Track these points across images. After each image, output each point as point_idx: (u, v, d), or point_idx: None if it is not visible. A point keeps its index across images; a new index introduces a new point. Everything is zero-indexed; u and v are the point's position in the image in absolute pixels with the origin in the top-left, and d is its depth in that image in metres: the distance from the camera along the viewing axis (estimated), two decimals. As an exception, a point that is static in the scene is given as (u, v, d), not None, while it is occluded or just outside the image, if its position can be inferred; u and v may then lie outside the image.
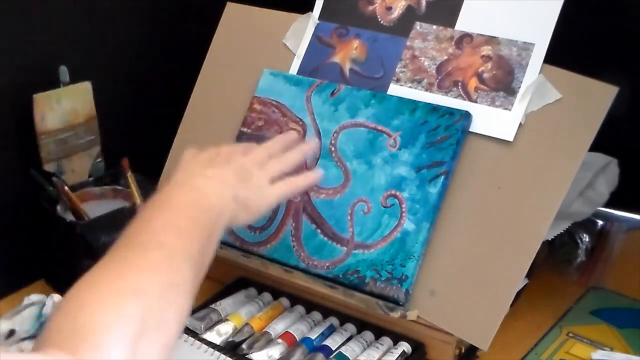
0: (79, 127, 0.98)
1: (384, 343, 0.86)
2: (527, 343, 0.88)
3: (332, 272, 0.86)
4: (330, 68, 0.96)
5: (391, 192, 0.86)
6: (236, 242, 0.92)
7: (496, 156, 0.84)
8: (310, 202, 0.90)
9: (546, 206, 0.80)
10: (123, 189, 1.00)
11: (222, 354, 0.83)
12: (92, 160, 1.01)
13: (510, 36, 0.87)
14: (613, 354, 0.86)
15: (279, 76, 0.97)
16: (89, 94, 0.98)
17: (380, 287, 0.83)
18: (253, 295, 0.94)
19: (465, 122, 0.85)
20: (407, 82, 0.91)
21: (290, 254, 0.89)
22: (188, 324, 0.87)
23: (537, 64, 0.85)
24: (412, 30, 0.93)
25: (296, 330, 0.87)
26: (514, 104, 0.85)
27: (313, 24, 0.99)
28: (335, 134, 0.91)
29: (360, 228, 0.86)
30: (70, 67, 0.96)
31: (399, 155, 0.87)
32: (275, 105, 0.96)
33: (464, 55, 0.89)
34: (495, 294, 0.80)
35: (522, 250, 0.80)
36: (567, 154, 0.81)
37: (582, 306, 0.96)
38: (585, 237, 1.05)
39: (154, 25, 1.10)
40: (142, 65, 1.10)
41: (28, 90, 0.92)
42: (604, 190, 1.01)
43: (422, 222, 0.84)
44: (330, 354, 0.84)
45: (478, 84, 0.87)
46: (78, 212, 0.94)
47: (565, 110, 0.82)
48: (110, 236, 0.92)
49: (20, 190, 0.96)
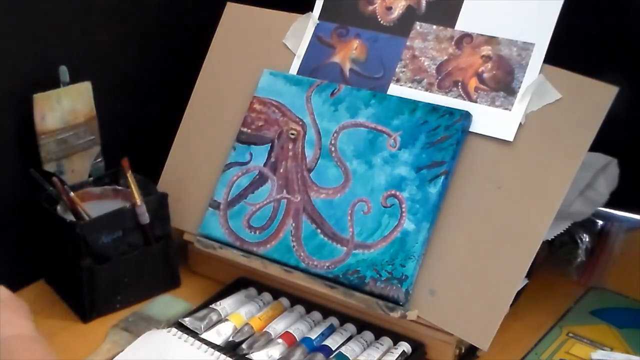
0: (79, 127, 0.98)
1: (384, 343, 0.86)
2: (527, 343, 0.88)
3: (332, 272, 0.86)
4: (330, 68, 0.96)
5: (391, 192, 0.86)
6: (236, 242, 0.92)
7: (496, 156, 0.84)
8: (310, 202, 0.90)
9: (546, 206, 0.80)
10: (123, 189, 1.00)
11: (222, 354, 0.83)
12: (92, 160, 1.01)
13: (510, 36, 0.87)
14: (613, 354, 0.86)
15: (279, 76, 0.97)
16: (89, 94, 0.98)
17: (380, 287, 0.83)
18: (253, 295, 0.94)
19: (465, 122, 0.85)
20: (407, 82, 0.91)
21: (290, 254, 0.89)
22: (188, 324, 0.87)
23: (537, 64, 0.85)
24: (412, 30, 0.93)
25: (296, 330, 0.87)
26: (514, 104, 0.85)
27: (313, 24, 0.99)
28: (335, 134, 0.91)
29: (360, 228, 0.86)
30: (70, 67, 0.96)
31: (399, 155, 0.87)
32: (275, 105, 0.96)
33: (464, 55, 0.89)
34: (495, 294, 0.80)
35: (522, 250, 0.80)
36: (567, 154, 0.81)
37: (582, 306, 0.96)
38: (585, 237, 1.05)
39: (154, 25, 1.10)
40: (142, 65, 1.10)
41: (28, 90, 0.92)
42: (604, 190, 1.01)
43: (422, 222, 0.84)
44: (330, 354, 0.84)
45: (478, 84, 0.87)
46: (78, 212, 0.94)
47: (565, 110, 0.82)
48: (110, 236, 0.92)
49: (20, 190, 0.96)
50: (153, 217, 0.95)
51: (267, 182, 0.93)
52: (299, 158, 0.92)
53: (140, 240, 0.95)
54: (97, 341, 0.88)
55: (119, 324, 0.92)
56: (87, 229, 0.90)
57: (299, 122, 0.94)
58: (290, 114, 0.94)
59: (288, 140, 0.94)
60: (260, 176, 0.94)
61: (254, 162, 0.95)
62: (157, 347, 0.84)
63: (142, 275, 0.96)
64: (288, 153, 0.93)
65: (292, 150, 0.93)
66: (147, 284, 0.96)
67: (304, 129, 0.93)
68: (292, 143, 0.93)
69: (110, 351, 0.86)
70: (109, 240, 0.92)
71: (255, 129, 0.96)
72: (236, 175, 0.95)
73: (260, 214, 0.92)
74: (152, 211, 0.95)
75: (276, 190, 0.92)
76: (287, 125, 0.94)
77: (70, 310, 0.95)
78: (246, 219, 0.93)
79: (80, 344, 0.88)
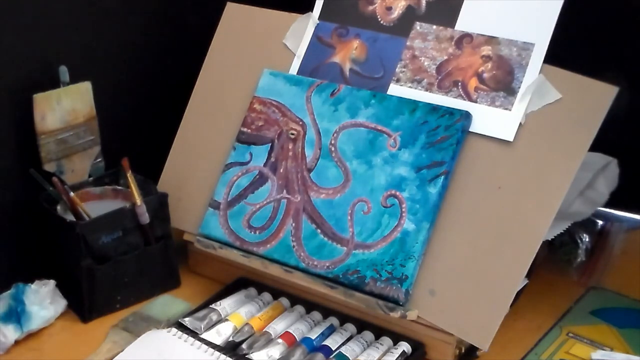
0: (79, 127, 0.98)
1: (384, 343, 0.86)
2: (527, 343, 0.88)
3: (332, 272, 0.86)
4: (330, 68, 0.96)
5: (391, 192, 0.86)
6: (236, 242, 0.92)
7: (496, 156, 0.84)
8: (310, 202, 0.90)
9: (546, 206, 0.80)
10: (123, 189, 1.00)
11: (222, 354, 0.83)
12: (92, 160, 1.01)
13: (510, 36, 0.87)
14: (613, 354, 0.86)
15: (279, 76, 0.97)
16: (89, 94, 0.98)
17: (380, 287, 0.83)
18: (253, 295, 0.94)
19: (465, 122, 0.85)
20: (407, 82, 0.91)
21: (290, 254, 0.89)
22: (188, 324, 0.87)
23: (537, 64, 0.85)
24: (412, 30, 0.93)
25: (296, 330, 0.87)
26: (514, 104, 0.85)
27: (313, 24, 0.99)
28: (335, 134, 0.91)
29: (360, 228, 0.86)
30: (70, 67, 0.96)
31: (399, 155, 0.87)
32: (275, 105, 0.96)
33: (464, 55, 0.89)
34: (495, 294, 0.80)
35: (522, 250, 0.80)
36: (567, 154, 0.81)
37: (582, 306, 0.96)
38: (585, 237, 1.05)
39: (154, 25, 1.10)
40: (142, 65, 1.10)
41: (28, 90, 0.92)
42: (604, 190, 1.01)
43: (422, 222, 0.84)
44: (330, 354, 0.84)
45: (478, 84, 0.87)
46: (78, 212, 0.94)
47: (565, 110, 0.82)
48: (110, 236, 0.92)
49: (20, 190, 0.96)
50: (153, 217, 0.95)
51: (267, 182, 0.93)
52: (299, 158, 0.92)
53: (140, 240, 0.95)
54: (97, 341, 0.88)
55: (119, 324, 0.92)
56: (87, 229, 0.90)
57: (299, 122, 0.94)
58: (290, 114, 0.95)
59: (288, 140, 0.94)
60: (260, 176, 0.94)
61: (254, 162, 0.95)
62: (157, 347, 0.84)
63: (142, 275, 0.96)
64: (288, 153, 0.93)
65: (292, 150, 0.93)
66: (147, 284, 0.96)
67: (304, 129, 0.93)
68: (292, 143, 0.93)
69: (110, 351, 0.86)
70: (109, 240, 0.92)
71: (255, 129, 0.96)
72: (236, 175, 0.95)
73: (260, 214, 0.92)
74: (152, 211, 0.95)
75: (276, 190, 0.92)
76: (287, 125, 0.94)
77: (70, 310, 0.95)
78: (246, 219, 0.93)
79: (80, 344, 0.88)
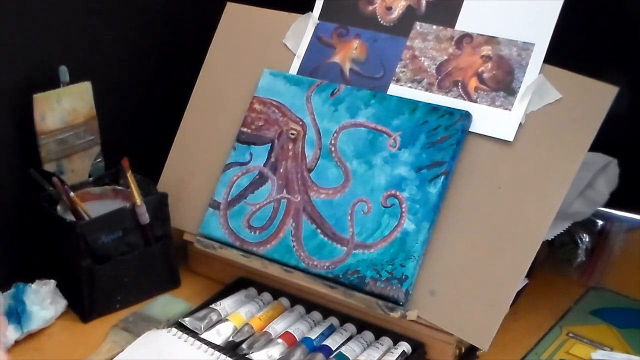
0: (79, 127, 0.98)
1: (384, 343, 0.86)
2: (527, 343, 0.88)
3: (332, 272, 0.86)
4: (330, 68, 0.96)
5: (391, 192, 0.86)
6: (236, 242, 0.92)
7: (496, 156, 0.84)
8: (310, 202, 0.90)
9: (546, 206, 0.80)
10: (123, 189, 1.00)
11: (222, 354, 0.83)
12: (92, 160, 1.01)
13: (510, 36, 0.87)
14: (613, 354, 0.86)
15: (279, 76, 0.97)
16: (89, 94, 0.98)
17: (380, 287, 0.83)
18: (253, 295, 0.94)
19: (465, 122, 0.85)
20: (407, 82, 0.91)
21: (290, 254, 0.89)
22: (188, 324, 0.87)
23: (537, 64, 0.85)
24: (412, 30, 0.93)
25: (296, 330, 0.87)
26: (514, 104, 0.85)
27: (313, 24, 0.99)
28: (335, 134, 0.91)
29: (360, 228, 0.86)
30: (70, 67, 0.96)
31: (399, 155, 0.87)
32: (275, 105, 0.96)
33: (464, 55, 0.89)
34: (495, 294, 0.80)
35: (522, 250, 0.80)
36: (567, 154, 0.81)
37: (582, 306, 0.96)
38: (585, 237, 1.05)
39: (154, 26, 1.10)
40: (142, 65, 1.09)
41: (28, 90, 0.92)
42: (604, 190, 1.01)
43: (422, 222, 0.84)
44: (330, 354, 0.84)
45: (478, 84, 0.87)
46: (78, 212, 0.94)
47: (565, 110, 0.82)
48: (110, 236, 0.92)
49: (20, 190, 0.96)
50: (153, 217, 0.95)
51: (267, 182, 0.93)
52: (299, 158, 0.92)
53: (140, 240, 0.95)
54: (97, 341, 0.88)
55: (119, 324, 0.92)
56: (87, 228, 0.90)
57: (299, 122, 0.94)
58: (290, 114, 0.95)
59: (288, 140, 0.94)
60: (260, 176, 0.94)
61: (254, 162, 0.95)
62: (157, 347, 0.84)
63: (142, 275, 0.96)
64: (288, 153, 0.93)
65: (292, 150, 0.93)
66: (147, 284, 0.96)
67: (303, 129, 0.93)
68: (292, 143, 0.93)
69: (110, 351, 0.86)
70: (109, 240, 0.92)
71: (255, 129, 0.96)
72: (236, 175, 0.95)
73: (260, 214, 0.92)
74: (152, 211, 0.95)
75: (276, 190, 0.92)
76: (287, 125, 0.94)
77: (70, 310, 0.95)
78: (246, 219, 0.93)
79: (80, 344, 0.88)
